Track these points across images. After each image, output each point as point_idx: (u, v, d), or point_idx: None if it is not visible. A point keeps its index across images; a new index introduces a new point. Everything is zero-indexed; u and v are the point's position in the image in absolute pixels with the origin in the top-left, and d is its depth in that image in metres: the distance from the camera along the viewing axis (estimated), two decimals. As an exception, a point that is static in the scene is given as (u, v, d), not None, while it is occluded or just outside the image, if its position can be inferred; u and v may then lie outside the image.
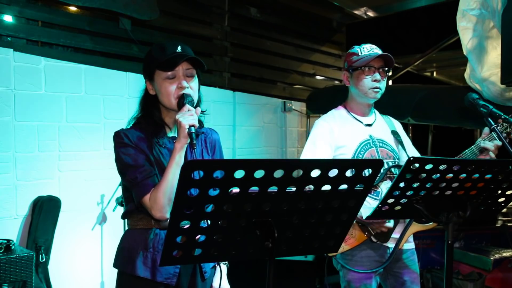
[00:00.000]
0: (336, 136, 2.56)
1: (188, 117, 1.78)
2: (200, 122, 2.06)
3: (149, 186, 1.83)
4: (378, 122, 2.68)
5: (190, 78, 1.93)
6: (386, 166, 2.55)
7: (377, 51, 2.55)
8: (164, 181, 1.80)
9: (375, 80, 2.51)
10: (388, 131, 2.68)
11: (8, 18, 3.54)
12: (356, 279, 2.53)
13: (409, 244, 2.62)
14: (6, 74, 3.39)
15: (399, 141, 2.66)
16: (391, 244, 2.53)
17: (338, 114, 2.67)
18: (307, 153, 2.57)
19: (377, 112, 2.74)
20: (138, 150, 1.89)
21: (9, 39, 3.53)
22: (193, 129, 1.76)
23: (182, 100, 1.86)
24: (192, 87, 1.92)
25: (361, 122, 2.63)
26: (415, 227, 2.55)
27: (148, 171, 1.85)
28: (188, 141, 1.79)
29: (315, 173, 1.31)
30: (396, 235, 2.53)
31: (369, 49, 2.55)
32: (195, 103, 1.92)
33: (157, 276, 1.86)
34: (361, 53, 2.56)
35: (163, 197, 1.79)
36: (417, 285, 2.61)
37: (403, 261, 2.59)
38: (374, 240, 2.50)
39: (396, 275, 2.61)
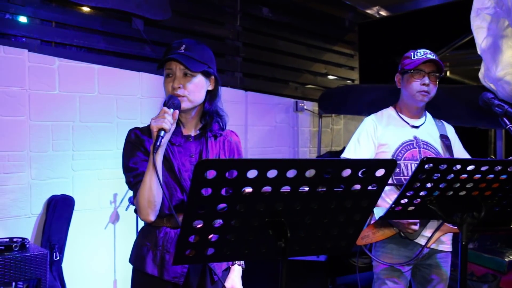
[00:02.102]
0: (379, 134, 2.66)
1: (159, 120, 1.78)
2: (219, 124, 2.06)
3: (138, 190, 1.86)
4: (427, 125, 2.74)
5: (188, 78, 1.92)
6: None
7: (430, 56, 2.60)
8: (142, 184, 1.82)
9: (424, 84, 2.59)
10: (437, 135, 2.72)
11: (22, 19, 3.57)
12: (385, 271, 2.61)
13: (445, 246, 2.64)
14: (21, 75, 3.42)
15: (447, 146, 2.69)
16: (422, 242, 2.55)
17: (386, 114, 2.76)
18: (351, 149, 2.69)
19: (429, 116, 2.80)
20: (142, 151, 1.92)
21: (23, 39, 3.56)
22: (162, 133, 1.76)
23: (165, 101, 1.87)
24: (188, 87, 1.91)
25: (408, 124, 2.70)
26: (448, 228, 2.55)
27: (140, 175, 1.87)
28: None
29: (328, 173, 1.31)
30: (428, 233, 2.54)
31: (422, 54, 2.62)
32: (184, 105, 1.91)
33: (164, 274, 1.88)
34: (414, 57, 2.63)
35: (142, 200, 1.83)
36: (444, 287, 2.64)
37: (435, 260, 2.63)
38: (403, 236, 2.52)
39: (425, 273, 2.65)
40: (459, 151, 2.75)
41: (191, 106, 1.95)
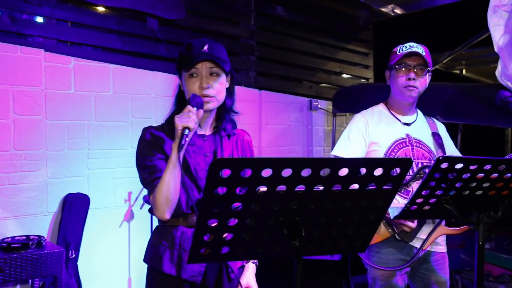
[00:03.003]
0: (371, 132, 2.56)
1: (184, 118, 1.78)
2: (233, 123, 2.07)
3: (154, 187, 1.86)
4: (419, 122, 2.66)
5: (215, 77, 1.92)
6: (419, 166, 2.52)
7: (415, 49, 2.50)
8: (161, 181, 1.82)
9: (409, 79, 2.49)
10: (429, 132, 2.65)
11: (39, 20, 3.61)
12: (381, 276, 2.53)
13: (440, 247, 2.58)
14: (37, 74, 3.46)
15: (440, 144, 2.62)
16: (417, 244, 2.50)
17: (377, 111, 2.67)
18: (341, 146, 2.59)
19: (420, 113, 2.71)
20: (157, 149, 1.91)
21: (40, 39, 3.59)
22: (186, 131, 1.76)
23: (188, 100, 1.86)
24: (215, 86, 1.91)
25: (399, 121, 2.61)
26: (443, 229, 2.51)
27: (157, 172, 1.87)
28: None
29: (343, 172, 1.30)
30: (423, 236, 2.50)
31: (407, 47, 2.52)
32: (212, 106, 1.92)
33: (182, 273, 1.88)
34: (399, 51, 2.54)
35: (160, 197, 1.82)
36: None
37: (431, 264, 2.56)
38: (398, 238, 2.47)
39: (423, 278, 2.57)
40: (451, 150, 2.67)
41: (217, 106, 1.96)
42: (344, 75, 6.07)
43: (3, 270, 2.82)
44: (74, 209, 3.52)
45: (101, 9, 3.93)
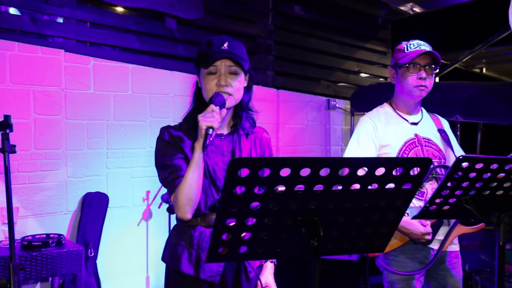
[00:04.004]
0: (380, 134, 2.51)
1: (208, 118, 1.77)
2: (252, 121, 2.06)
3: (174, 187, 1.86)
4: (425, 120, 2.61)
5: (233, 75, 1.91)
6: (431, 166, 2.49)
7: (425, 47, 2.46)
8: (183, 181, 1.82)
9: (420, 78, 2.44)
10: (435, 130, 2.60)
11: (59, 20, 3.65)
12: (398, 280, 2.49)
13: (454, 247, 2.55)
14: (57, 74, 3.50)
15: (446, 141, 2.59)
16: (435, 246, 2.47)
17: (383, 112, 2.62)
18: (351, 151, 2.53)
19: (424, 110, 2.66)
20: (176, 149, 1.91)
21: (60, 40, 3.63)
22: (210, 131, 1.76)
23: (211, 99, 1.85)
24: (233, 85, 1.91)
25: (407, 121, 2.56)
26: (460, 229, 2.48)
27: (177, 171, 1.87)
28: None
29: (362, 171, 1.29)
30: (440, 237, 2.47)
31: (416, 46, 2.47)
32: (230, 104, 1.92)
33: (200, 273, 1.88)
34: (407, 49, 2.48)
35: (182, 197, 1.82)
36: None
37: (446, 264, 2.53)
38: (417, 241, 2.45)
39: (439, 279, 2.54)
40: (455, 147, 2.62)
41: (235, 104, 1.95)
42: (362, 74, 6.04)
43: (24, 268, 2.86)
44: (93, 208, 3.56)
45: (120, 9, 3.96)
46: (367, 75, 6.08)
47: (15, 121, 2.54)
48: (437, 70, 2.52)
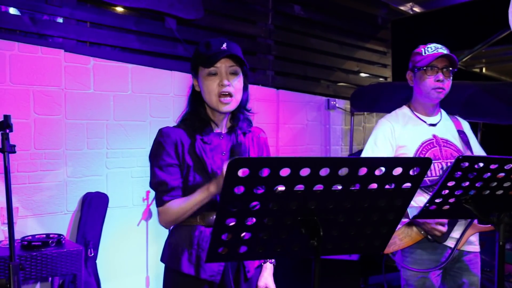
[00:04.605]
0: (397, 135, 2.56)
1: None
2: (248, 121, 2.06)
3: (162, 201, 1.90)
4: (444, 122, 2.65)
5: (234, 75, 1.91)
6: (448, 165, 2.51)
7: (442, 50, 2.50)
8: (182, 206, 1.86)
9: (438, 81, 2.49)
10: (454, 131, 2.64)
11: (59, 20, 3.65)
12: (414, 277, 2.53)
13: (473, 247, 2.56)
14: (57, 74, 3.50)
15: (466, 142, 2.61)
16: (451, 244, 2.49)
17: (401, 114, 2.66)
18: (368, 152, 2.59)
19: (443, 112, 2.70)
20: (169, 155, 1.91)
21: (60, 40, 3.63)
22: None
23: (233, 149, 1.91)
24: (234, 85, 1.91)
25: (425, 122, 2.61)
26: (476, 227, 2.49)
27: (165, 185, 1.89)
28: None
29: (362, 171, 1.29)
30: (456, 235, 2.48)
31: (433, 49, 2.52)
32: (233, 106, 1.93)
33: (201, 273, 1.88)
34: (425, 52, 2.54)
35: (171, 218, 1.90)
36: None
37: (464, 263, 2.54)
38: (431, 239, 2.47)
39: (455, 277, 2.57)
40: (476, 147, 2.65)
41: (236, 106, 1.95)
42: (362, 74, 6.04)
43: (24, 268, 2.86)
44: (93, 208, 3.56)
45: (119, 9, 3.96)
46: (367, 75, 6.08)
47: (15, 121, 2.54)
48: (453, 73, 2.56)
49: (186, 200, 1.86)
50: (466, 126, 2.71)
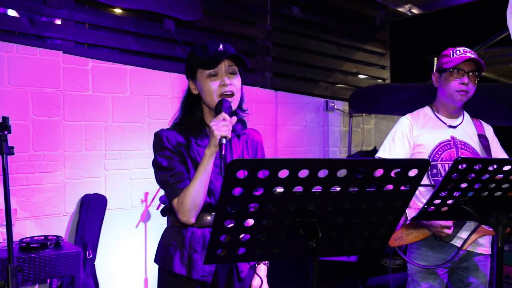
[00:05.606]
0: (416, 134, 2.60)
1: (222, 127, 1.76)
2: (243, 122, 2.06)
3: (178, 191, 1.85)
4: (464, 125, 2.67)
5: (233, 75, 1.93)
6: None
7: (470, 54, 2.52)
8: (191, 186, 1.82)
9: (463, 83, 2.51)
10: (474, 134, 2.65)
11: (58, 22, 3.65)
12: (419, 273, 2.57)
13: (483, 249, 2.58)
14: (56, 76, 3.50)
15: (485, 146, 2.62)
16: (458, 243, 2.50)
17: (422, 113, 2.70)
18: (385, 148, 2.64)
19: (466, 115, 2.72)
20: (174, 152, 1.91)
21: (58, 41, 3.63)
22: (224, 141, 1.74)
23: (220, 106, 1.85)
24: (235, 84, 1.92)
25: (445, 123, 2.63)
26: (484, 230, 2.49)
27: (179, 175, 1.88)
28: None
29: (360, 173, 1.30)
30: (464, 235, 2.49)
31: (461, 52, 2.54)
32: (235, 105, 1.92)
33: (193, 273, 1.89)
34: (453, 55, 2.56)
35: (189, 202, 1.82)
36: None
37: (473, 263, 2.56)
38: (437, 237, 2.48)
39: (462, 276, 2.59)
40: (497, 151, 2.67)
41: (236, 106, 1.96)
42: (361, 76, 6.04)
43: (22, 269, 2.85)
44: (92, 209, 3.56)
45: (118, 11, 3.96)
46: (365, 76, 6.08)
47: (13, 123, 2.54)
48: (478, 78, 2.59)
49: (193, 177, 1.83)
50: (489, 130, 2.73)
